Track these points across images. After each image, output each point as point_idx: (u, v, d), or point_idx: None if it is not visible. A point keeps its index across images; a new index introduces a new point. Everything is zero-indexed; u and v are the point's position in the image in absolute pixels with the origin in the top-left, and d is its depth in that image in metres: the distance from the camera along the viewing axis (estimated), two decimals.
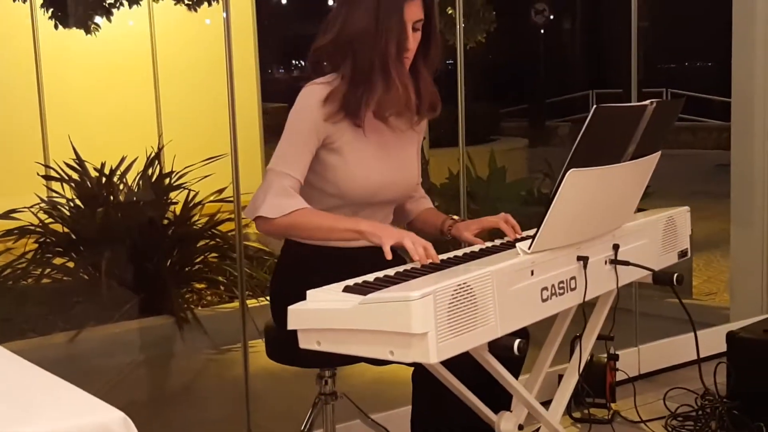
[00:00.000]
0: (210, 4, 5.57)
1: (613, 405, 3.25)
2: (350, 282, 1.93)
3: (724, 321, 4.22)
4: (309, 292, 1.88)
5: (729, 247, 4.63)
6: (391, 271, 2.02)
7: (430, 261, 2.05)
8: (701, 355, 3.52)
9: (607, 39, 16.75)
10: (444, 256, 2.14)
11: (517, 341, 1.86)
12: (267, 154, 6.41)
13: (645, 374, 3.67)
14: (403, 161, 2.38)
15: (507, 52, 14.72)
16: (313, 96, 2.24)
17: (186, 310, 4.40)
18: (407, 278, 1.91)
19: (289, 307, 1.86)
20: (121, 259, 4.52)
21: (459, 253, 2.18)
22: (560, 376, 2.94)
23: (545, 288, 2.01)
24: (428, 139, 6.23)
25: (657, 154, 2.26)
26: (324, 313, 1.81)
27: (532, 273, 1.98)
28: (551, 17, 16.64)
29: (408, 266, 2.06)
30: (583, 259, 2.11)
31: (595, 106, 1.91)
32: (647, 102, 2.06)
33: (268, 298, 4.47)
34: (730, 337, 2.99)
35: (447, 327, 1.73)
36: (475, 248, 2.25)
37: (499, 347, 1.88)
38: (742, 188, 4.26)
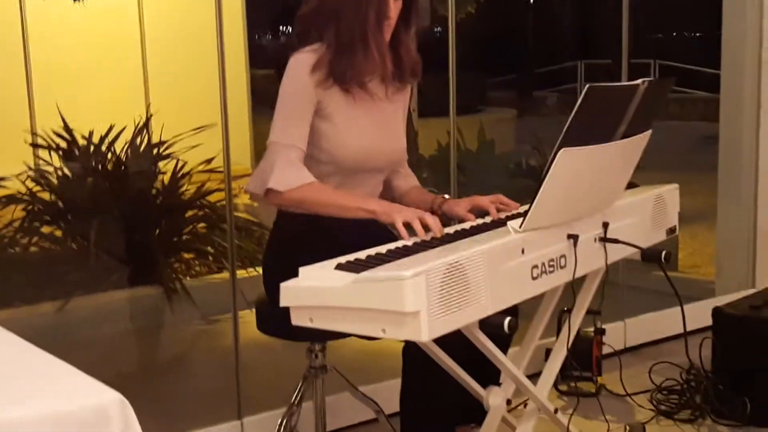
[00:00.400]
0: None
1: (599, 378, 3.28)
2: (342, 259, 1.94)
3: (709, 295, 4.26)
4: (302, 269, 1.89)
5: (714, 221, 4.67)
6: (383, 249, 2.03)
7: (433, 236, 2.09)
8: (688, 329, 3.59)
9: (596, 9, 16.70)
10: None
11: (507, 319, 1.88)
12: (255, 124, 6.39)
13: (631, 347, 3.71)
14: (391, 128, 2.43)
15: (496, 23, 14.66)
16: (302, 64, 2.28)
17: (175, 281, 4.41)
18: (399, 256, 1.92)
19: (282, 284, 1.87)
20: (110, 228, 4.50)
21: (450, 230, 2.19)
22: (548, 350, 2.98)
23: (535, 266, 2.03)
24: (417, 109, 6.23)
25: (647, 133, 2.27)
26: (317, 290, 1.83)
27: (523, 251, 1.99)
28: None
29: (400, 243, 2.07)
30: (574, 237, 2.13)
31: (587, 85, 1.91)
32: (639, 81, 2.07)
33: (257, 269, 4.51)
34: (716, 313, 3.02)
35: (439, 305, 1.74)
36: (466, 225, 2.25)
37: (489, 325, 1.90)
38: (729, 161, 4.27)
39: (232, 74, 3.37)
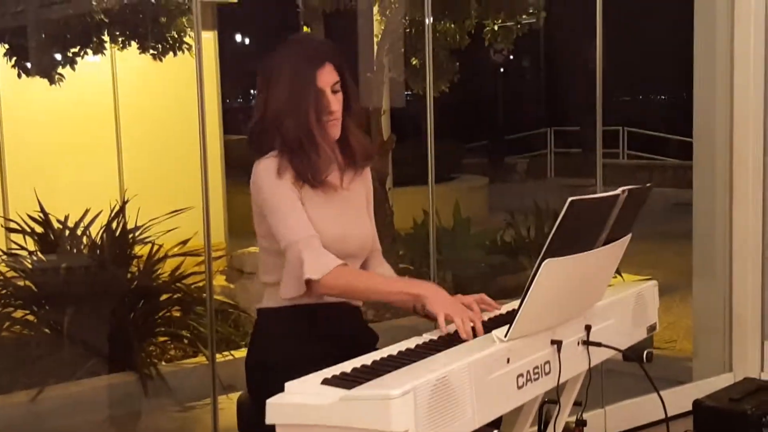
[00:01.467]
0: (176, 54, 5.57)
1: None
2: (329, 373, 1.93)
3: (687, 375, 4.27)
4: (287, 385, 1.88)
5: (688, 291, 4.69)
6: (367, 359, 2.02)
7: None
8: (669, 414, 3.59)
9: (565, 77, 16.97)
10: (420, 340, 2.15)
11: None
12: (230, 204, 6.38)
13: None
14: (357, 215, 2.47)
15: (468, 90, 14.86)
16: (269, 168, 2.32)
17: (150, 366, 4.36)
18: (385, 368, 1.92)
19: (268, 401, 1.85)
20: (84, 314, 4.47)
21: (434, 336, 2.19)
22: None
23: (521, 375, 2.03)
24: (391, 178, 6.27)
25: (628, 237, 2.30)
26: (303, 408, 1.81)
27: (508, 361, 1.99)
28: (510, 57, 16.83)
29: (385, 353, 2.06)
30: (557, 343, 2.14)
31: (569, 199, 1.94)
32: (619, 191, 2.11)
33: (233, 353, 4.47)
34: (696, 405, 3.03)
35: (426, 423, 1.73)
36: (451, 329, 2.25)
37: None
38: (703, 236, 4.29)
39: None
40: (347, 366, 1.98)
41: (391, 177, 6.18)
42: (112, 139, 5.61)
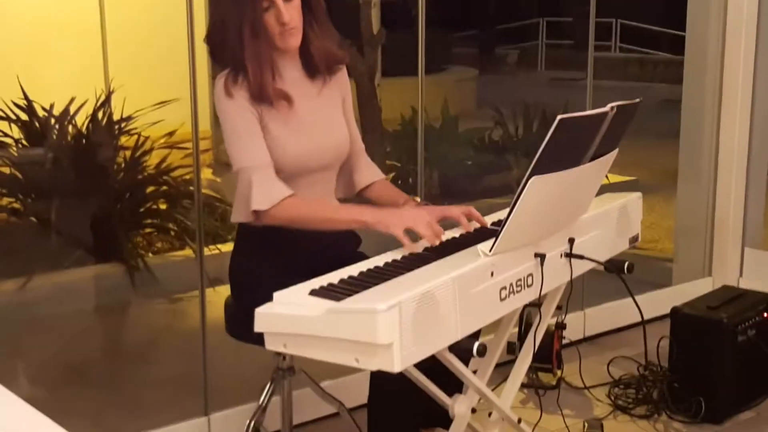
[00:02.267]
0: None
1: (558, 372, 3.36)
2: (316, 284, 1.96)
3: (667, 277, 4.35)
4: (276, 294, 1.91)
5: (671, 192, 4.71)
6: (354, 270, 2.05)
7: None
8: (646, 317, 3.67)
9: None
10: (407, 251, 2.17)
11: (476, 344, 1.92)
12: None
13: (590, 337, 3.79)
14: (328, 123, 2.44)
15: None
16: (224, 81, 2.29)
17: (137, 258, 4.39)
18: (372, 280, 1.95)
19: (257, 310, 1.89)
20: (70, 204, 4.48)
21: (419, 247, 2.21)
22: (510, 343, 3.05)
23: (504, 287, 2.07)
24: (380, 69, 6.20)
25: (615, 152, 2.31)
26: (291, 318, 1.85)
27: (492, 274, 2.03)
28: None
29: (371, 263, 2.09)
30: (540, 257, 2.17)
31: (558, 117, 1.93)
32: (607, 108, 2.10)
33: (219, 246, 4.51)
34: (674, 312, 3.10)
35: (411, 336, 1.78)
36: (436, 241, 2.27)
37: (458, 349, 1.94)
38: (690, 141, 4.30)
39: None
40: (334, 277, 2.01)
41: (380, 69, 6.11)
42: (97, 24, 5.49)
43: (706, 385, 3.00)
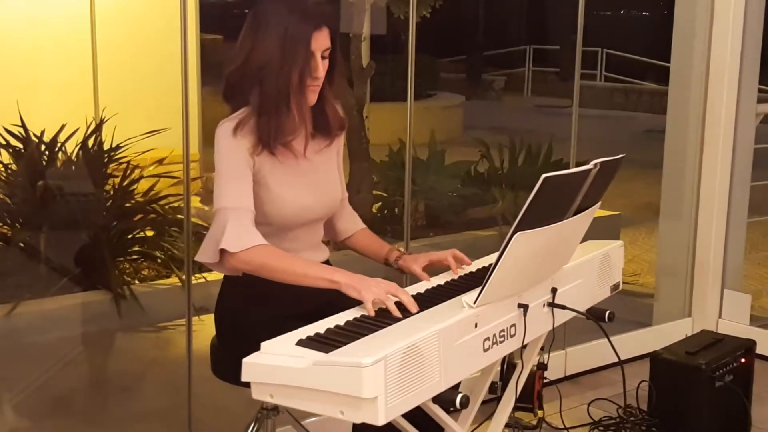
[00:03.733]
0: None
1: (539, 412, 3.40)
2: (303, 333, 2.00)
3: (648, 315, 4.40)
4: (263, 344, 1.95)
5: (654, 224, 4.76)
6: (341, 319, 2.09)
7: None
8: (626, 357, 3.73)
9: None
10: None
11: (459, 396, 1.96)
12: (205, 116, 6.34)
13: (571, 376, 3.84)
14: (324, 181, 2.46)
15: (449, 18, 14.66)
16: (228, 130, 2.28)
17: (123, 286, 4.42)
18: (359, 331, 1.99)
19: (244, 360, 1.93)
20: (58, 230, 4.51)
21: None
22: (493, 383, 3.08)
23: (487, 338, 2.11)
24: (368, 94, 6.25)
25: (597, 205, 2.36)
26: (278, 369, 1.88)
27: (476, 326, 2.07)
28: None
29: (358, 313, 2.13)
30: (524, 307, 2.22)
31: (543, 176, 1.98)
32: (591, 165, 2.16)
33: (205, 275, 4.53)
34: (654, 358, 3.15)
35: (395, 389, 1.81)
36: (421, 288, 2.32)
37: (441, 400, 1.98)
38: (673, 177, 4.35)
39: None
40: (321, 326, 2.05)
41: (368, 94, 6.16)
42: (88, 51, 5.54)
43: (685, 429, 3.05)
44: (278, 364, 1.89)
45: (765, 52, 4.26)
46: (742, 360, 3.22)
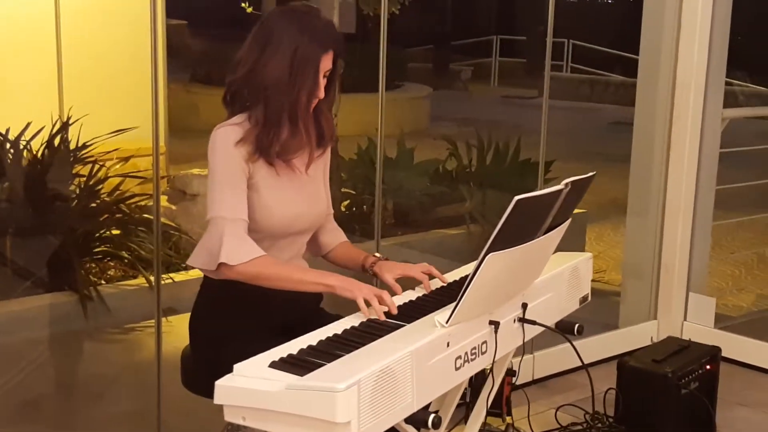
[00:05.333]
0: None
1: (507, 418, 3.42)
2: (276, 354, 2.00)
3: (614, 316, 4.45)
4: (236, 367, 1.94)
5: (620, 220, 4.78)
6: (314, 339, 2.10)
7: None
8: (593, 360, 3.77)
9: None
10: (364, 317, 2.22)
11: (431, 416, 1.97)
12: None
13: (538, 379, 3.87)
14: (313, 193, 2.49)
15: (418, 16, 14.61)
16: (227, 138, 2.30)
17: (90, 286, 4.38)
18: (332, 351, 1.99)
19: (217, 383, 1.92)
20: (23, 231, 4.45)
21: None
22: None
23: (459, 357, 2.13)
24: (338, 93, 6.23)
25: (568, 221, 2.38)
26: (251, 392, 1.88)
27: (448, 345, 2.08)
28: None
29: (330, 332, 2.14)
30: (495, 324, 2.24)
31: (515, 198, 2.00)
32: (562, 185, 2.18)
33: (172, 275, 4.51)
34: (621, 365, 3.19)
35: (369, 412, 1.83)
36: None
37: (414, 421, 1.99)
38: (640, 176, 4.38)
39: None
40: (294, 346, 2.05)
41: (338, 92, 6.13)
42: (53, 47, 5.46)
43: None
44: (251, 387, 1.89)
45: (732, 48, 4.28)
46: (708, 367, 3.27)
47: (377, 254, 2.59)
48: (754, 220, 5.97)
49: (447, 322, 2.09)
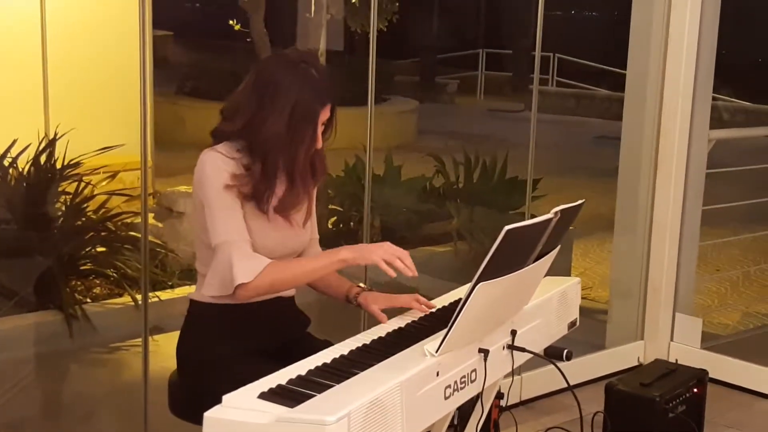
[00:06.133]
0: None
1: None
2: (265, 385, 1.98)
3: (601, 335, 4.45)
4: (225, 398, 1.93)
5: (605, 235, 4.78)
6: (303, 368, 2.08)
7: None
8: (581, 380, 3.77)
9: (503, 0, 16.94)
10: (353, 344, 2.22)
11: None
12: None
13: (526, 400, 3.86)
14: (297, 228, 2.48)
15: (406, 33, 14.65)
16: (219, 167, 2.29)
17: (75, 305, 4.35)
18: (321, 380, 1.98)
19: (205, 415, 1.90)
20: (9, 249, 4.43)
21: (367, 339, 2.26)
22: None
23: (449, 386, 2.12)
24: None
25: (557, 249, 2.38)
26: (240, 425, 1.86)
27: (438, 374, 2.08)
28: None
29: (319, 359, 2.13)
30: (485, 352, 2.23)
31: (505, 229, 1.99)
32: (551, 215, 2.18)
33: (158, 293, 4.49)
34: (609, 389, 3.20)
35: None
36: (382, 332, 2.32)
37: None
38: (627, 196, 4.39)
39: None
40: (283, 376, 2.04)
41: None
42: (38, 66, 5.44)
43: None
44: (240, 419, 1.87)
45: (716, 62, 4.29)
46: (695, 390, 3.28)
47: (362, 285, 2.58)
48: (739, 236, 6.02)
49: (437, 352, 2.08)
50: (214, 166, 2.29)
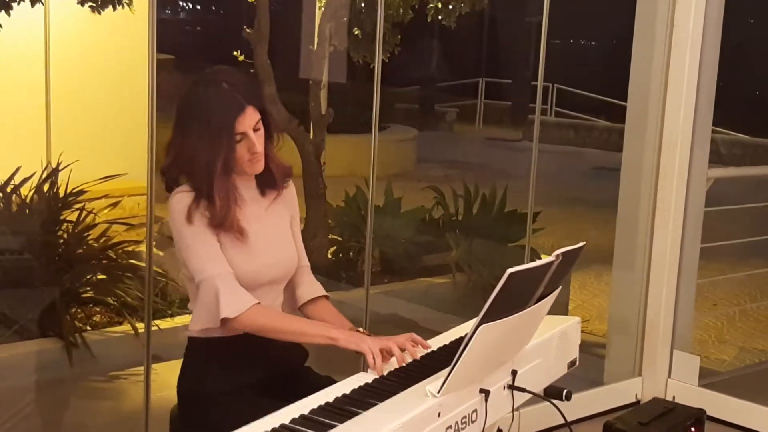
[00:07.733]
0: (115, 8, 5.45)
1: None
2: (268, 425, 2.00)
3: (599, 371, 4.46)
4: None
5: (603, 267, 4.79)
6: (305, 407, 2.09)
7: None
8: (578, 416, 3.77)
9: (501, 30, 17.02)
10: (354, 383, 2.23)
11: None
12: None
13: None
14: (278, 239, 2.53)
15: (407, 64, 14.74)
16: (182, 201, 2.37)
17: (75, 333, 4.36)
18: (325, 420, 2.00)
19: None
20: (11, 277, 4.44)
21: (368, 378, 2.27)
22: None
23: (450, 426, 2.14)
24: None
25: (558, 290, 2.41)
26: None
27: (439, 415, 2.10)
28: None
29: (320, 398, 2.14)
30: (485, 392, 2.25)
31: (507, 272, 2.02)
32: (553, 257, 2.20)
33: (157, 322, 4.50)
34: (607, 428, 3.21)
35: None
36: (384, 371, 2.34)
37: None
38: (626, 232, 4.40)
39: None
40: (286, 415, 2.05)
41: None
42: (41, 96, 5.49)
43: None
44: None
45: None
46: (693, 429, 3.29)
47: (360, 329, 2.60)
48: (735, 271, 6.04)
49: (439, 392, 2.10)
50: (179, 204, 2.36)
